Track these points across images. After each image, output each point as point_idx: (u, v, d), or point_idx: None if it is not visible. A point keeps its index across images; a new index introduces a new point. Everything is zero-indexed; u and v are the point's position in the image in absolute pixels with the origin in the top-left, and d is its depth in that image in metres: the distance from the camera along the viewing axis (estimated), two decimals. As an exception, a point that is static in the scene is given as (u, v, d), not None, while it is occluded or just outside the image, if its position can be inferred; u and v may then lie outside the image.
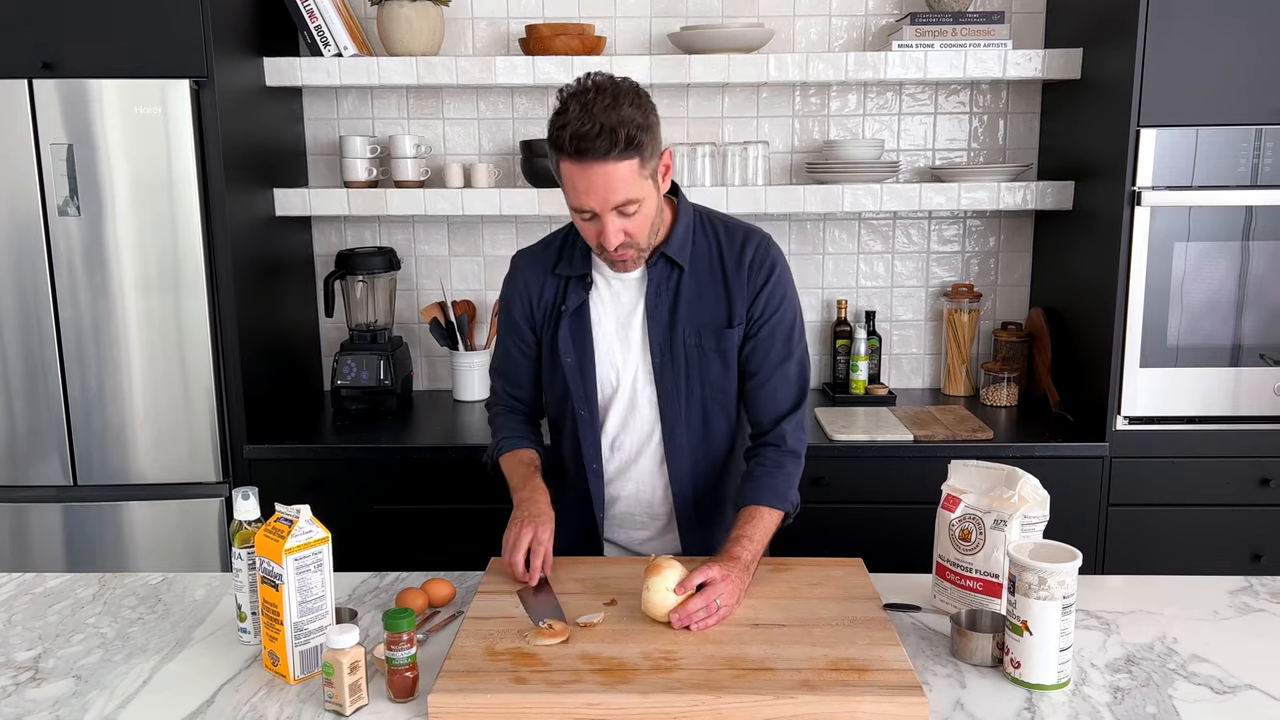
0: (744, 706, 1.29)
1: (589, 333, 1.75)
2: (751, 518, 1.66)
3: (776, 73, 2.71)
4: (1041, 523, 1.55)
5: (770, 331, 1.73)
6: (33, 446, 2.56)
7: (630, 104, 1.55)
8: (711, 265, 1.73)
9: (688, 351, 1.73)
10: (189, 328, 2.52)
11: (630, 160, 1.54)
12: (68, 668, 1.46)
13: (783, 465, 1.72)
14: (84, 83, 2.41)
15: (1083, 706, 1.34)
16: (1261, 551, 2.59)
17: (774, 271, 1.73)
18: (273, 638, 1.41)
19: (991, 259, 3.09)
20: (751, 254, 1.72)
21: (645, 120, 1.56)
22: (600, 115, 1.52)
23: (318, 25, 2.72)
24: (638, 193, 1.57)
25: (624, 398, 1.77)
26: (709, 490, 1.82)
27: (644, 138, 1.55)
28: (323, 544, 1.41)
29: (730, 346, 1.73)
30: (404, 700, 1.35)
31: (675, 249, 1.71)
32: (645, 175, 1.58)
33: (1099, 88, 2.62)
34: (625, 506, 1.84)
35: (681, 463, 1.78)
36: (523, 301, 1.80)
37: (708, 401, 1.76)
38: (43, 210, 2.45)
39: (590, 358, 1.76)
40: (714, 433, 1.79)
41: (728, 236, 1.75)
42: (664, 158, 1.64)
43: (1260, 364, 2.55)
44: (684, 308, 1.72)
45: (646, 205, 1.60)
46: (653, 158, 1.59)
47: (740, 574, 1.55)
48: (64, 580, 1.76)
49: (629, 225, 1.60)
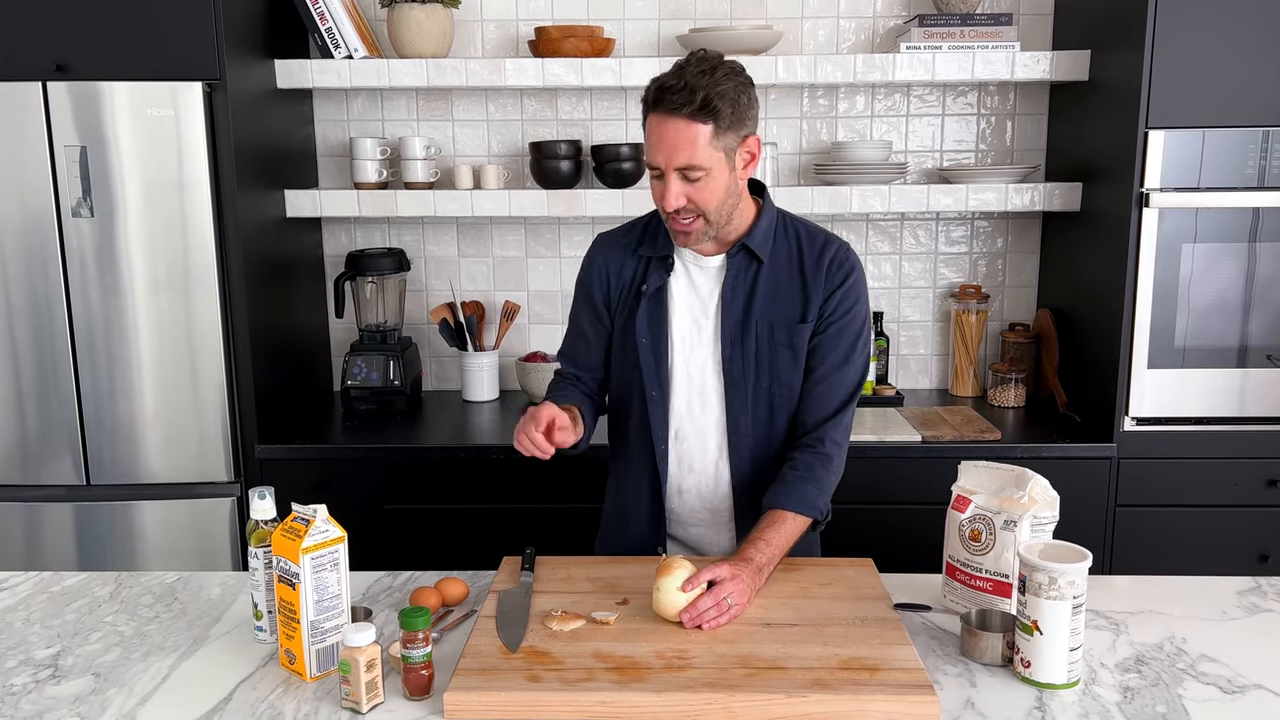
0: (756, 705, 1.30)
1: (666, 315, 1.77)
2: (773, 522, 1.65)
3: (785, 74, 2.72)
4: (1051, 523, 1.56)
5: (837, 332, 1.74)
6: (45, 446, 2.58)
7: (724, 75, 1.59)
8: (790, 262, 1.76)
9: (759, 344, 1.74)
10: (200, 328, 2.54)
11: (704, 124, 1.57)
12: (87, 665, 1.47)
13: (814, 470, 1.71)
14: (97, 85, 2.42)
15: (1093, 706, 1.35)
16: (1268, 552, 2.60)
17: (851, 275, 1.75)
18: (289, 636, 1.42)
19: (999, 260, 3.10)
20: (831, 255, 1.75)
21: (734, 94, 1.59)
22: (689, 76, 1.57)
23: (328, 27, 2.73)
24: (705, 160, 1.59)
25: (692, 385, 1.78)
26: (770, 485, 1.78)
27: (723, 107, 1.57)
28: (339, 543, 1.43)
29: (802, 343, 1.74)
30: (420, 698, 1.36)
31: (757, 241, 1.74)
32: (717, 147, 1.59)
33: (1107, 89, 2.63)
34: (687, 500, 1.83)
35: (743, 455, 1.78)
36: (601, 280, 1.83)
37: (774, 396, 1.76)
38: (56, 211, 2.47)
39: (665, 340, 1.77)
40: (777, 427, 1.78)
41: (809, 238, 1.78)
42: (748, 143, 1.65)
43: (1267, 365, 2.55)
44: (760, 300, 1.74)
45: (714, 178, 1.61)
46: (730, 131, 1.60)
47: (752, 574, 1.56)
48: (81, 579, 1.78)
49: (692, 192, 1.62)
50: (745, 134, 1.64)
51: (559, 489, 2.52)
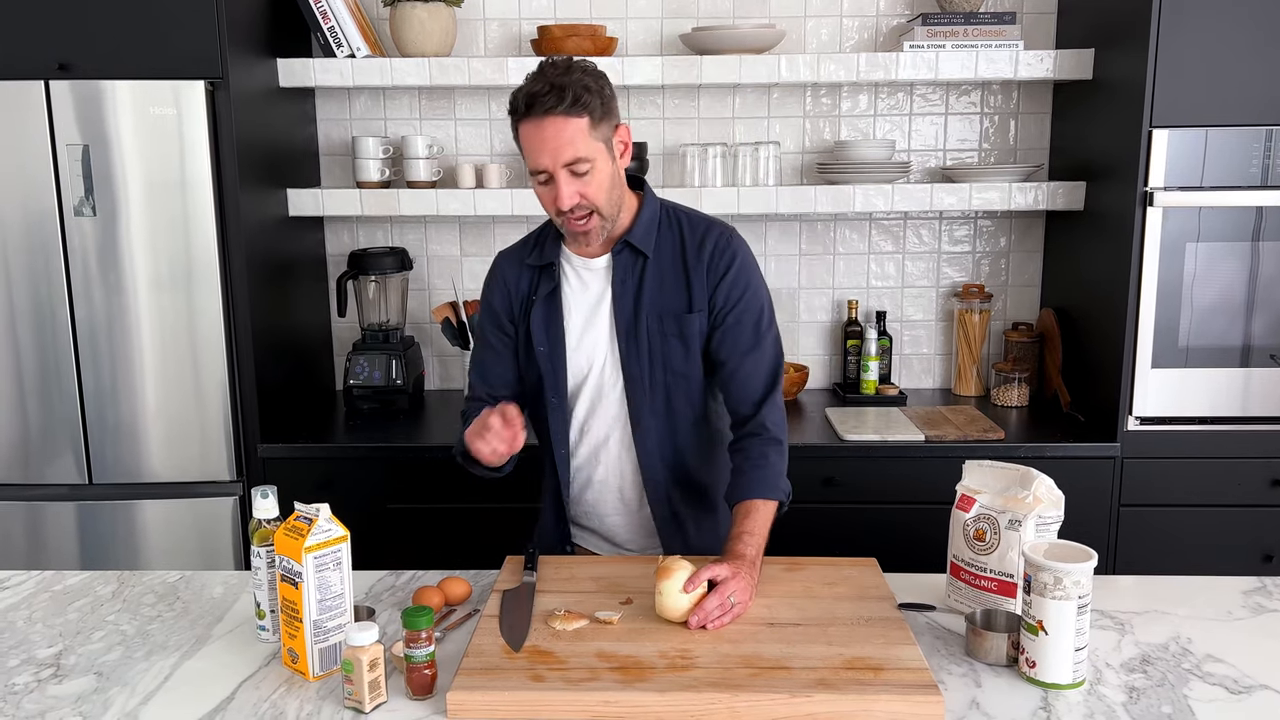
0: (760, 705, 1.30)
1: (561, 321, 1.81)
2: (748, 513, 1.67)
3: (788, 73, 2.72)
4: (1056, 523, 1.55)
5: (736, 320, 1.77)
6: (47, 445, 2.58)
7: (582, 72, 1.64)
8: (674, 254, 1.78)
9: (650, 337, 1.77)
10: (203, 327, 2.54)
11: (579, 118, 1.61)
12: (89, 664, 1.47)
13: (767, 455, 1.73)
14: (99, 84, 2.42)
15: (1098, 706, 1.34)
16: (1273, 552, 2.59)
17: (734, 262, 1.77)
18: (292, 635, 1.42)
19: (1002, 259, 3.09)
20: (712, 245, 1.77)
21: (596, 86, 1.64)
22: (550, 78, 1.62)
23: (331, 26, 2.73)
24: (588, 152, 1.63)
25: (593, 383, 1.82)
26: (680, 471, 1.84)
27: (591, 100, 1.62)
28: (342, 542, 1.42)
29: (691, 333, 1.77)
30: (423, 697, 1.36)
31: (639, 237, 1.77)
32: (596, 138, 1.64)
33: (1110, 88, 2.62)
34: (596, 492, 1.88)
35: (649, 446, 1.81)
36: (501, 293, 1.86)
37: (670, 386, 1.80)
38: (58, 210, 2.47)
39: (561, 345, 1.81)
40: (678, 415, 1.82)
41: (690, 228, 1.80)
42: (620, 132, 1.70)
43: (1271, 365, 2.55)
44: (647, 294, 1.77)
45: (599, 169, 1.65)
46: (603, 122, 1.65)
47: (748, 570, 1.57)
48: (83, 578, 1.77)
49: (582, 187, 1.65)
50: (616, 123, 1.69)
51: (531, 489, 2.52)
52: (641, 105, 3.02)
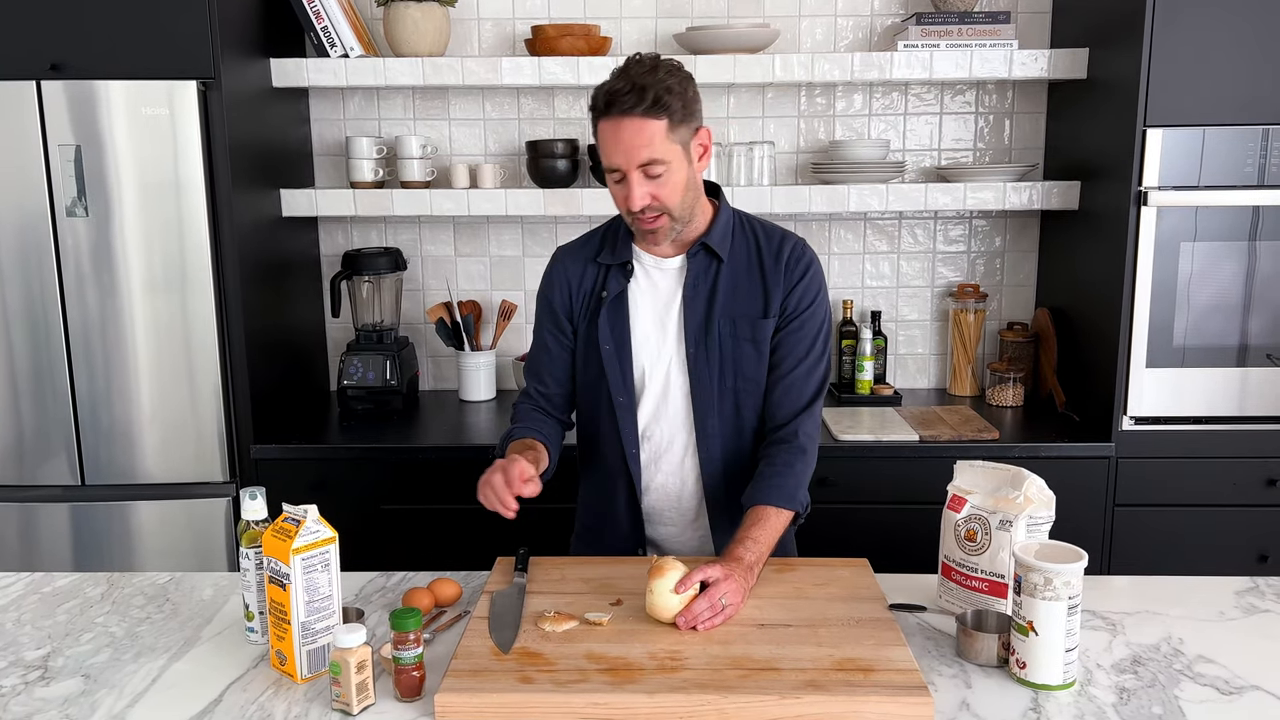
0: (750, 706, 1.29)
1: (627, 320, 1.78)
2: (758, 519, 1.65)
3: (782, 73, 2.71)
4: (1047, 523, 1.55)
5: (800, 325, 1.76)
6: (40, 446, 2.57)
7: (666, 72, 1.62)
8: (750, 259, 1.77)
9: (722, 341, 1.75)
10: (196, 328, 2.53)
11: (657, 120, 1.59)
12: (76, 666, 1.47)
13: (792, 465, 1.72)
14: (92, 84, 2.42)
15: (1088, 707, 1.34)
16: (1268, 552, 2.59)
17: (809, 270, 1.77)
18: (280, 637, 1.41)
19: (997, 259, 3.09)
20: (789, 251, 1.77)
21: (680, 88, 1.62)
22: (634, 76, 1.60)
23: (324, 26, 2.72)
24: (664, 154, 1.61)
25: (657, 386, 1.79)
26: (740, 481, 1.79)
27: (672, 101, 1.60)
28: (330, 544, 1.42)
29: (764, 337, 1.76)
30: (411, 699, 1.35)
31: (716, 240, 1.75)
32: (674, 140, 1.62)
33: (1105, 88, 2.62)
34: (654, 499, 1.84)
35: (713, 453, 1.78)
36: (562, 290, 1.82)
37: (740, 393, 1.77)
38: (50, 211, 2.46)
39: (628, 345, 1.78)
40: (745, 423, 1.79)
41: (766, 236, 1.80)
42: (700, 135, 1.68)
43: (1267, 364, 2.54)
44: (721, 298, 1.75)
45: (674, 172, 1.63)
46: (683, 125, 1.63)
47: (743, 574, 1.55)
48: (72, 580, 1.77)
49: (655, 189, 1.64)
50: (696, 126, 1.67)
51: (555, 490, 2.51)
52: (636, 105, 3.01)
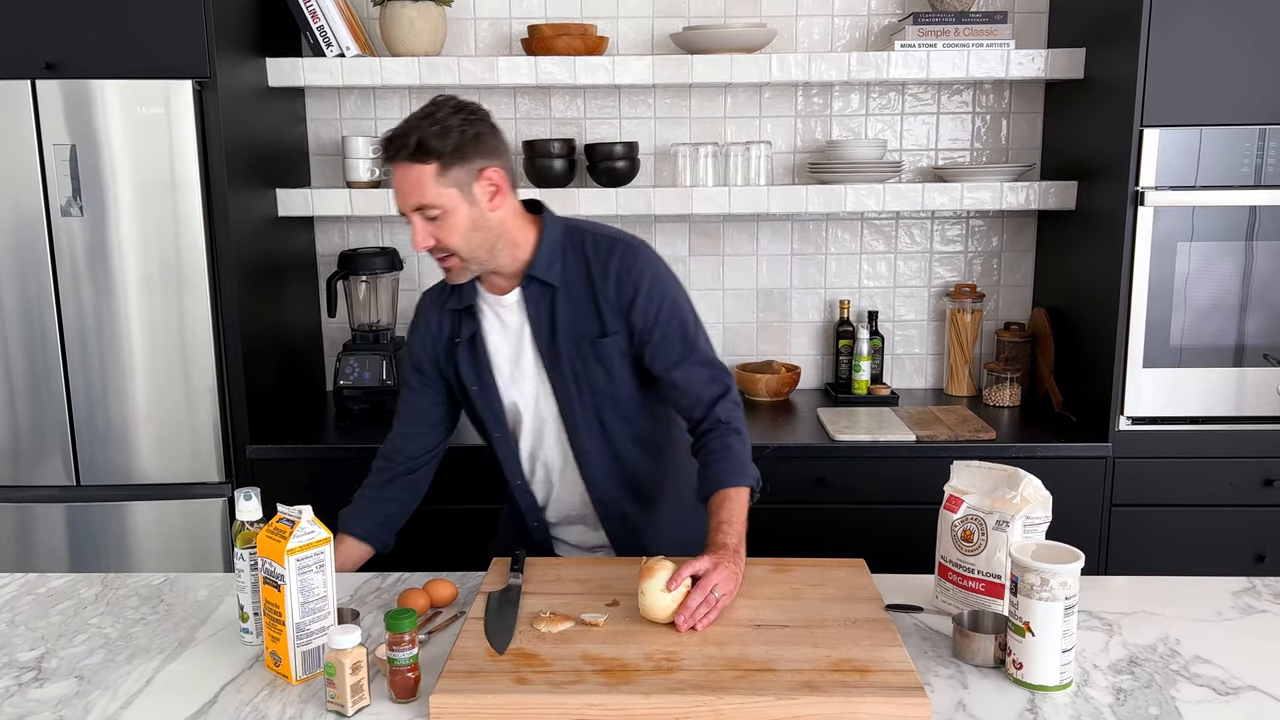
0: (746, 707, 1.29)
1: (487, 359, 1.82)
2: (722, 503, 1.66)
3: (779, 73, 2.71)
4: (1044, 523, 1.55)
5: (662, 335, 1.76)
6: (36, 447, 2.56)
7: (447, 115, 1.63)
8: (581, 278, 1.77)
9: (572, 363, 1.78)
10: (192, 328, 2.52)
11: (425, 165, 1.61)
12: (70, 668, 1.46)
13: (730, 446, 1.73)
14: (87, 83, 2.41)
15: (1085, 708, 1.34)
16: (1265, 552, 2.59)
17: (643, 280, 1.75)
18: (275, 638, 1.41)
19: (994, 259, 3.09)
20: (616, 267, 1.75)
21: (458, 130, 1.62)
22: (410, 123, 1.62)
23: (320, 26, 2.72)
24: (435, 198, 1.63)
25: (531, 415, 1.84)
26: (631, 487, 1.87)
27: (442, 145, 1.60)
28: (324, 545, 1.41)
29: (608, 354, 1.77)
30: (406, 701, 1.35)
31: (542, 269, 1.76)
32: (446, 184, 1.62)
33: (1102, 87, 2.62)
34: (558, 510, 1.92)
35: (594, 470, 1.84)
36: (423, 340, 1.88)
37: (600, 408, 1.80)
38: (45, 211, 2.46)
39: (493, 383, 1.83)
40: (614, 435, 1.83)
41: (594, 249, 1.78)
42: (486, 175, 1.66)
43: (1264, 364, 2.54)
44: (562, 323, 1.77)
45: (452, 215, 1.64)
46: (456, 167, 1.63)
47: (731, 559, 1.56)
48: (67, 580, 1.76)
49: (435, 231, 1.66)
50: (479, 167, 1.65)
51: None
52: (632, 105, 3.01)
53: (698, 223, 3.08)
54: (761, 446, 2.54)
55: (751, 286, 3.11)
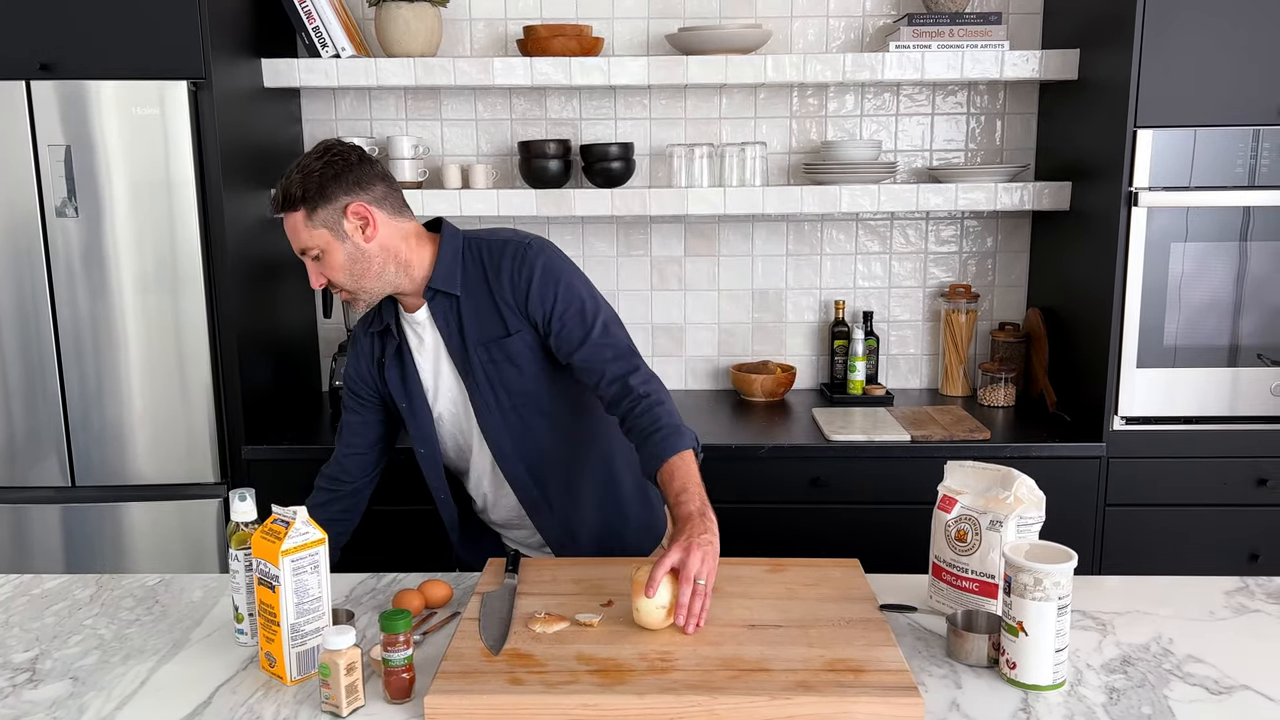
0: (740, 707, 1.29)
1: (413, 376, 1.86)
2: (672, 474, 1.64)
3: (774, 74, 2.72)
4: (1037, 523, 1.55)
5: (561, 324, 1.78)
6: (31, 447, 2.56)
7: (311, 161, 1.70)
8: (480, 284, 1.80)
9: (485, 368, 1.80)
10: (187, 328, 2.52)
11: (295, 213, 1.69)
12: (65, 669, 1.46)
13: (657, 417, 1.70)
14: (82, 84, 2.41)
15: (1078, 707, 1.34)
16: (1258, 551, 2.59)
17: (533, 274, 1.77)
18: (270, 639, 1.41)
19: (989, 259, 3.09)
20: (509, 266, 1.78)
21: (318, 174, 1.68)
22: (284, 175, 1.71)
23: (315, 26, 2.72)
24: (311, 242, 1.70)
25: (453, 425, 1.88)
26: (555, 482, 1.89)
27: (301, 192, 1.68)
28: (319, 545, 1.41)
29: (516, 353, 1.79)
30: (400, 701, 1.35)
31: (441, 280, 1.78)
32: (316, 226, 1.69)
33: (1096, 88, 2.62)
34: (500, 513, 1.95)
35: (516, 469, 1.86)
36: (356, 365, 1.92)
37: (520, 408, 1.83)
38: (40, 212, 2.46)
39: (421, 397, 1.86)
40: (537, 432, 1.85)
41: (489, 254, 1.80)
42: (352, 211, 1.70)
43: (1258, 364, 2.55)
44: (469, 330, 1.79)
45: (330, 254, 1.71)
46: (321, 209, 1.68)
47: (699, 528, 1.53)
48: (61, 581, 1.76)
49: (323, 269, 1.73)
50: (343, 204, 1.70)
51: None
52: (628, 105, 3.02)
53: (693, 223, 3.09)
54: (756, 446, 2.55)
55: (747, 287, 3.12)
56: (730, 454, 2.54)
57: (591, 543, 1.91)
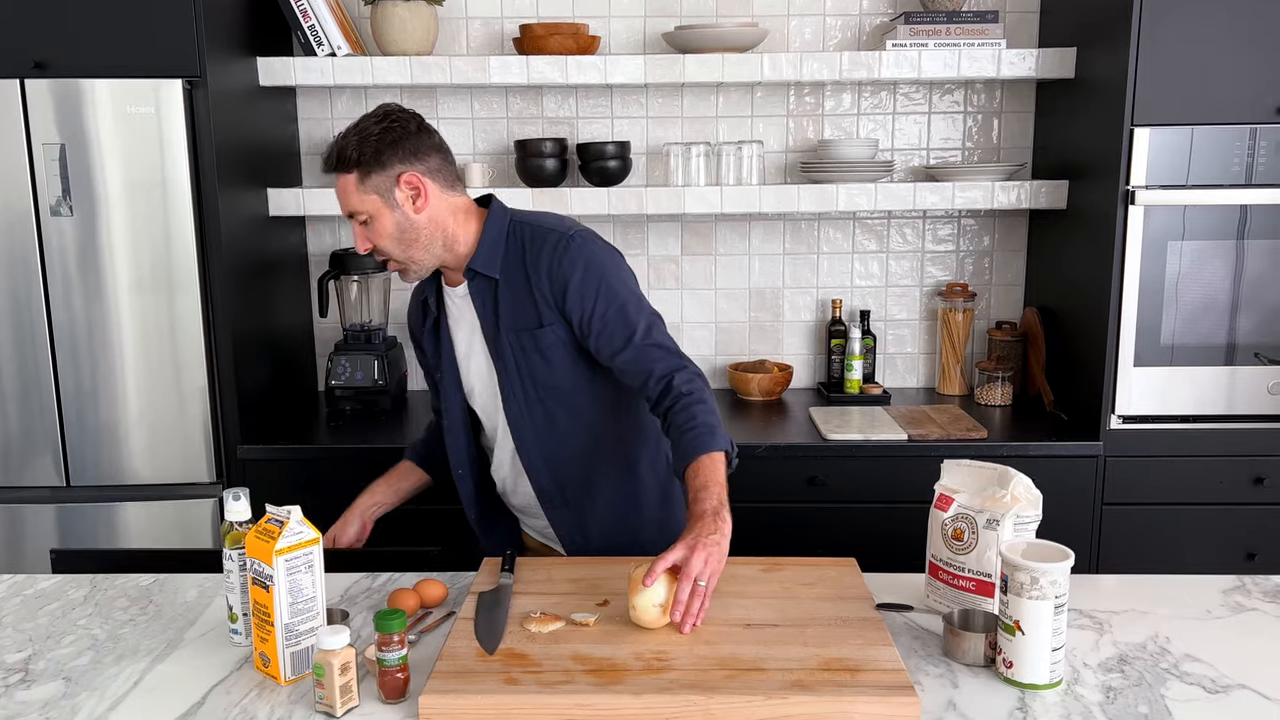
0: (736, 707, 1.29)
1: (450, 348, 1.88)
2: (696, 471, 1.61)
3: (771, 72, 2.71)
4: (1034, 522, 1.55)
5: (603, 323, 1.75)
6: (26, 447, 2.55)
7: (370, 124, 1.69)
8: (519, 271, 1.78)
9: (515, 355, 1.80)
10: (182, 328, 2.52)
11: (347, 174, 1.69)
12: (58, 669, 1.45)
13: (694, 415, 1.67)
14: (76, 82, 2.40)
15: (1075, 706, 1.34)
16: (1255, 550, 2.59)
17: (574, 270, 1.74)
18: (264, 639, 1.40)
19: (986, 258, 3.09)
20: (548, 258, 1.75)
21: (376, 138, 1.67)
22: (340, 134, 1.71)
23: (311, 25, 2.71)
24: (360, 205, 1.70)
25: (484, 403, 1.89)
26: (573, 479, 1.87)
27: (357, 154, 1.67)
28: (313, 545, 1.41)
29: (547, 346, 1.78)
30: (395, 701, 1.35)
31: (482, 263, 1.78)
32: (367, 190, 1.69)
33: (1093, 87, 2.62)
34: (518, 499, 1.95)
35: (535, 460, 1.85)
36: (410, 321, 2.00)
37: (546, 400, 1.82)
38: (35, 210, 2.45)
39: (453, 369, 1.89)
40: (561, 427, 1.84)
41: (532, 241, 1.78)
42: (405, 180, 1.70)
43: (1255, 363, 2.55)
44: (504, 315, 1.79)
45: (378, 220, 1.71)
46: (375, 174, 1.68)
47: (708, 526, 1.50)
48: (55, 582, 1.76)
49: (369, 235, 1.73)
50: (397, 173, 1.69)
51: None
52: (624, 104, 3.01)
53: (690, 222, 3.08)
54: (754, 446, 2.54)
55: (744, 286, 3.11)
56: (727, 453, 2.53)
57: (605, 544, 1.88)
